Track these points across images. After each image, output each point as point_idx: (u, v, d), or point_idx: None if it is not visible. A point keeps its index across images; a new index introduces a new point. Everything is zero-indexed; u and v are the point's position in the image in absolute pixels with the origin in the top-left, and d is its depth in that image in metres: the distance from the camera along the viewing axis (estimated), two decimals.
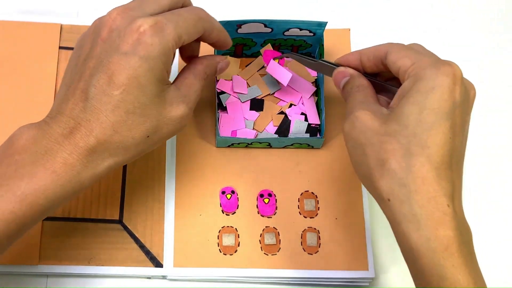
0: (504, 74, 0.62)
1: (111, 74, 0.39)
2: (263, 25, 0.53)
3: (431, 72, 0.38)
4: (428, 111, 0.37)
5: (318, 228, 0.52)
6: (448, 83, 0.37)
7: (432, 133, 0.37)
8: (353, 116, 0.41)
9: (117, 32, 0.40)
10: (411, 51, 0.41)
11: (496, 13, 0.65)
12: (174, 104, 0.42)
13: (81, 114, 0.39)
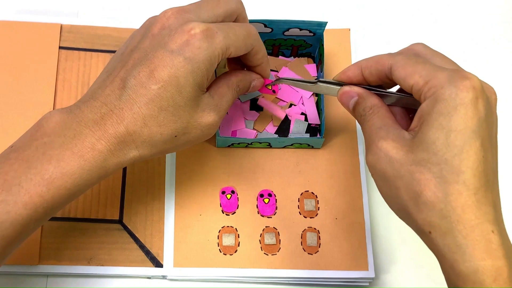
0: (504, 72, 0.62)
1: (153, 68, 0.39)
2: (263, 25, 0.53)
3: (450, 91, 0.35)
4: (455, 133, 0.35)
5: (318, 228, 0.52)
6: (470, 99, 0.35)
7: (464, 156, 0.35)
8: (375, 148, 0.39)
9: (168, 30, 0.40)
10: (419, 65, 0.38)
11: (497, 10, 0.65)
12: (206, 110, 0.42)
13: (115, 101, 0.39)
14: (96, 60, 0.57)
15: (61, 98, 0.55)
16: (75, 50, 0.57)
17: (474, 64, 0.62)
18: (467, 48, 0.63)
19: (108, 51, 0.57)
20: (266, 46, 0.56)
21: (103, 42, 0.58)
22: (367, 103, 0.42)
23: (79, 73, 0.56)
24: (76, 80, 0.56)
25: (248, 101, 0.56)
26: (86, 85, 0.56)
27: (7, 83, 0.55)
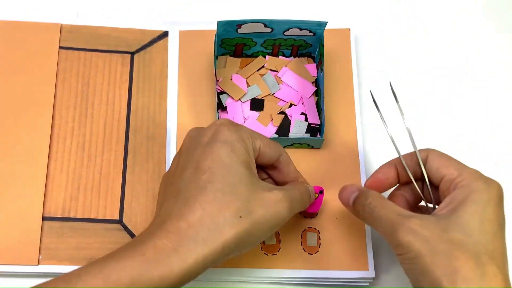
0: (505, 72, 0.62)
1: (196, 164, 0.41)
2: (263, 25, 0.53)
3: (484, 186, 0.41)
4: (488, 222, 0.40)
5: (318, 228, 0.52)
6: (499, 197, 0.41)
7: (496, 244, 0.40)
8: (407, 228, 0.40)
9: (197, 132, 0.44)
10: (451, 160, 0.44)
11: (497, 9, 0.65)
12: (268, 188, 0.42)
13: (172, 206, 0.40)
14: (96, 60, 0.57)
15: (61, 98, 0.55)
16: (75, 50, 0.57)
17: (473, 63, 0.62)
18: (469, 47, 0.63)
19: (108, 51, 0.57)
20: (266, 46, 0.56)
21: (103, 42, 0.58)
22: (370, 196, 0.44)
23: (79, 73, 0.56)
24: (76, 80, 0.56)
25: (248, 101, 0.56)
26: (86, 85, 0.56)
27: (7, 83, 0.55)
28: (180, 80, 0.57)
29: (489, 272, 0.38)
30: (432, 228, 0.40)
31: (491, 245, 0.39)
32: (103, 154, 0.54)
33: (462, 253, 0.39)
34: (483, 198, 0.41)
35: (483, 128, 0.59)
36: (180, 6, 0.62)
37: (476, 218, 0.40)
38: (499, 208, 0.41)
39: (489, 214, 0.40)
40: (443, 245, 0.39)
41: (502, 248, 0.40)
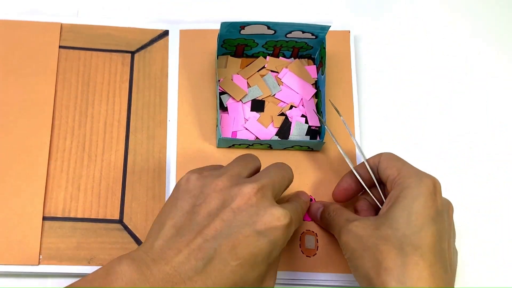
0: (505, 72, 0.62)
1: (236, 245, 0.39)
2: (266, 27, 0.52)
3: (415, 182, 0.44)
4: (416, 215, 0.42)
5: (316, 231, 0.53)
6: (430, 192, 0.43)
7: (422, 235, 0.42)
8: (346, 230, 0.45)
9: (256, 209, 0.41)
10: (396, 161, 0.47)
11: (498, 9, 0.65)
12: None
13: (190, 273, 0.38)
14: (96, 60, 0.57)
15: (61, 98, 0.55)
16: (75, 50, 0.57)
17: (473, 63, 0.62)
18: (467, 49, 0.63)
19: (108, 50, 0.57)
20: (267, 47, 0.56)
21: (103, 41, 0.57)
22: (331, 208, 0.50)
23: (79, 73, 0.56)
24: (76, 80, 0.56)
25: (249, 102, 0.56)
26: (86, 85, 0.56)
27: (7, 83, 0.55)
28: (180, 79, 0.57)
29: (410, 262, 0.41)
30: (367, 227, 0.44)
31: (416, 237, 0.42)
32: (103, 154, 0.54)
33: (387, 246, 0.42)
34: (413, 193, 0.43)
35: (483, 128, 0.59)
36: (180, 6, 0.61)
37: (404, 213, 0.43)
38: (430, 201, 0.43)
39: (417, 208, 0.43)
40: (372, 241, 0.43)
41: (430, 238, 0.42)
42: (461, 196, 0.56)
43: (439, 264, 0.41)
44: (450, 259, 0.44)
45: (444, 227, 0.44)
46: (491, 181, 0.57)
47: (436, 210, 0.43)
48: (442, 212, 0.44)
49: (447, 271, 0.42)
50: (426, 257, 0.41)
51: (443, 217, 0.44)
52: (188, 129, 0.55)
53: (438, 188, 0.44)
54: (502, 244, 0.55)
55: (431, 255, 0.41)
